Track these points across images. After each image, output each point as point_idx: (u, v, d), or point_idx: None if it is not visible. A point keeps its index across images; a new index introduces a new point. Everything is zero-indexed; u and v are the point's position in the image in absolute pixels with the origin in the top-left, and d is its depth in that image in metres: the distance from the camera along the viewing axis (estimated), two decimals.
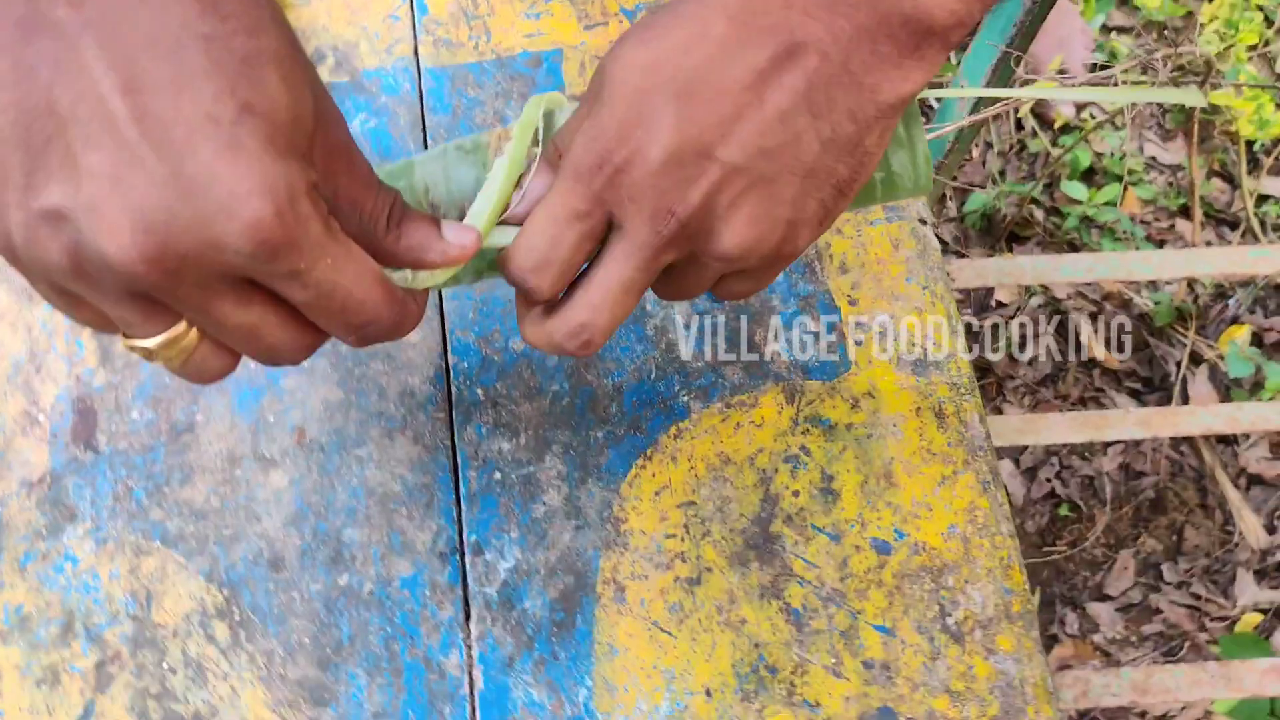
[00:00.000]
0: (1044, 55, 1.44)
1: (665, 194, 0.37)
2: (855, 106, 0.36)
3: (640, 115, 0.36)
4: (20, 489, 0.52)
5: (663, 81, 0.36)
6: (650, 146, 0.36)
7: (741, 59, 0.35)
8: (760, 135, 0.36)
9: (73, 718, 0.48)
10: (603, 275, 0.39)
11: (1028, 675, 0.50)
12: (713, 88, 0.36)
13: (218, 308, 0.33)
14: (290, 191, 0.31)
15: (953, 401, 0.55)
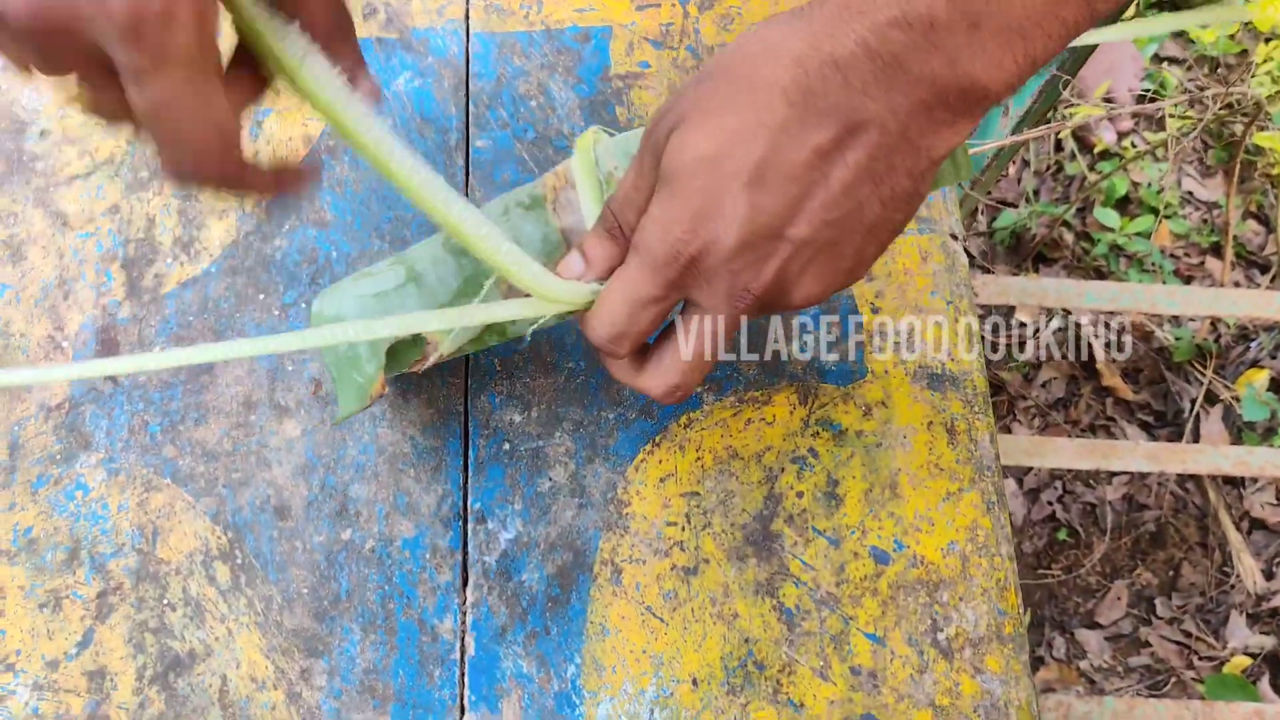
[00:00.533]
0: (1092, 81, 1.43)
1: (739, 275, 0.40)
2: (912, 166, 0.38)
3: (712, 207, 0.38)
4: (39, 412, 0.53)
5: (731, 173, 0.38)
6: (724, 237, 0.39)
7: (804, 141, 0.37)
8: (826, 210, 0.38)
9: (72, 643, 0.49)
10: (688, 347, 0.43)
11: (1013, 698, 0.50)
12: (780, 173, 0.38)
13: (89, 79, 0.33)
14: (200, 9, 0.31)
15: (965, 419, 0.55)
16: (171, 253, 0.57)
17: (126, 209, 0.57)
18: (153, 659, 0.49)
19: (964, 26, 0.35)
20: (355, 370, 0.46)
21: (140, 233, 0.57)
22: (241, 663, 0.49)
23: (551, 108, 0.62)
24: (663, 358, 0.44)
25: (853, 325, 0.57)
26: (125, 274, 0.56)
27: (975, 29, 0.35)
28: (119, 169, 0.58)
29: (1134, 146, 1.47)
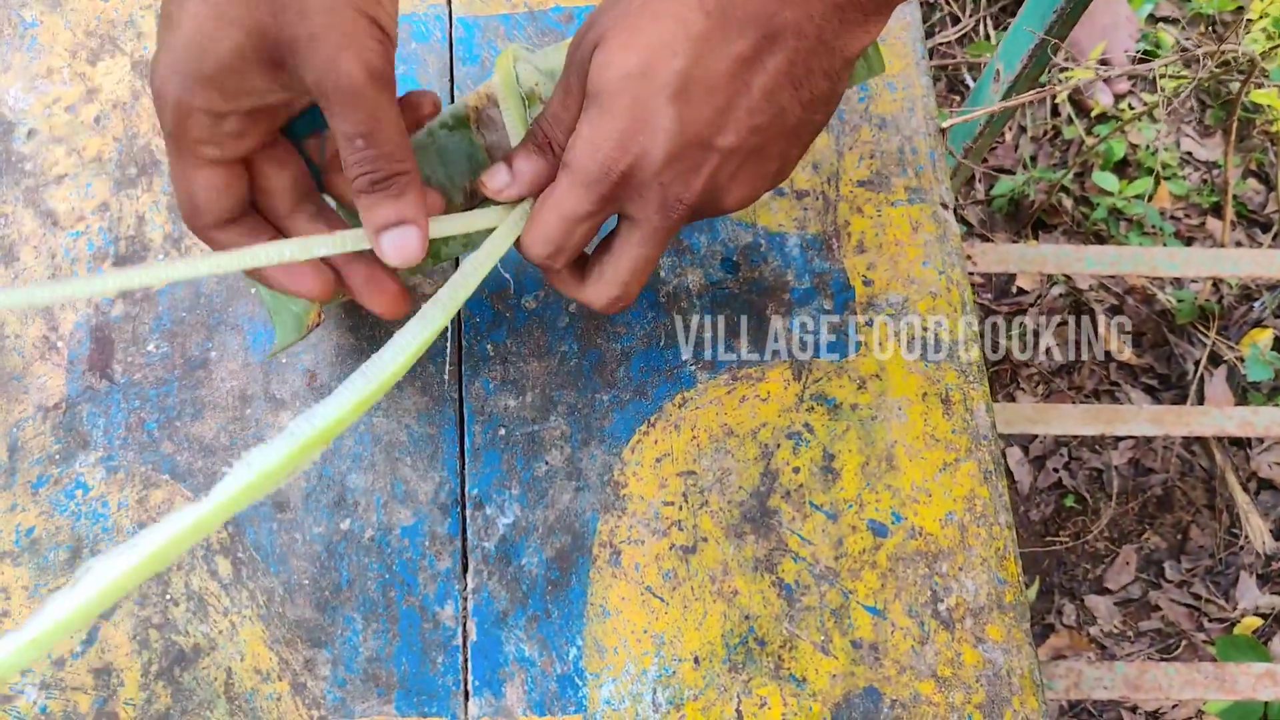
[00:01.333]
0: (1087, 42, 1.42)
1: (670, 187, 0.41)
2: (829, 67, 0.40)
3: (639, 122, 0.39)
4: (36, 413, 0.53)
5: (656, 87, 0.39)
6: (654, 151, 0.40)
7: (725, 52, 0.39)
8: (751, 117, 0.40)
9: (77, 641, 0.49)
10: (626, 259, 0.44)
11: (1015, 666, 0.50)
12: (703, 84, 0.39)
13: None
14: (160, 99, 0.39)
15: (960, 389, 0.55)
16: (162, 249, 0.57)
17: (116, 207, 0.57)
18: (158, 654, 0.49)
19: None
20: (291, 302, 0.48)
21: (130, 230, 0.57)
22: (246, 655, 0.49)
23: None
24: (603, 271, 0.45)
25: (845, 298, 0.57)
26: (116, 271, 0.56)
27: None
28: (106, 167, 0.58)
29: (1131, 108, 1.46)
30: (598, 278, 0.45)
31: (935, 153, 0.60)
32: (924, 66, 0.62)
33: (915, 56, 0.62)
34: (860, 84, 0.51)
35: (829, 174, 0.60)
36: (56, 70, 0.60)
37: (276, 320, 0.49)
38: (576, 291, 0.46)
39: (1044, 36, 0.70)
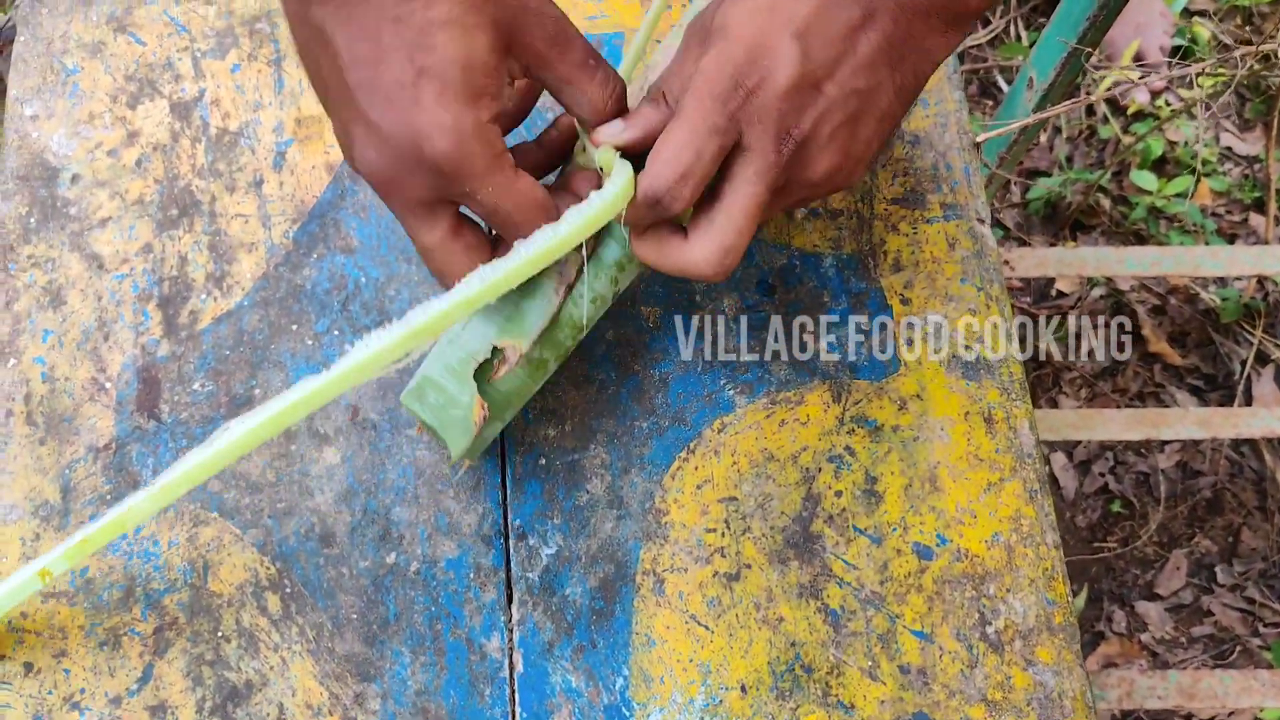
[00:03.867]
0: (1120, 40, 1.40)
1: (786, 117, 0.43)
2: (918, 63, 0.45)
3: (766, 47, 0.42)
4: (87, 454, 0.54)
5: (782, 22, 0.42)
6: (778, 73, 0.42)
7: (840, 13, 0.43)
8: (855, 77, 0.43)
9: (133, 679, 0.50)
10: (742, 196, 0.44)
11: (1067, 688, 0.50)
12: (822, 33, 0.43)
13: (411, 226, 0.44)
14: (455, 135, 0.40)
15: (1003, 407, 0.55)
16: (205, 288, 0.58)
17: (159, 248, 0.59)
18: (211, 691, 0.50)
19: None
20: (453, 409, 0.48)
21: (174, 270, 0.58)
22: (297, 690, 0.50)
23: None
24: (713, 219, 0.45)
25: (883, 319, 0.57)
26: (162, 312, 0.57)
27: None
28: (149, 208, 0.59)
29: (1168, 104, 1.44)
30: (707, 228, 0.45)
31: (970, 168, 0.60)
32: (956, 80, 0.62)
33: (947, 71, 0.62)
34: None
35: (863, 192, 0.59)
36: (98, 115, 0.61)
37: (445, 433, 0.48)
38: (681, 254, 0.45)
39: (1076, 46, 0.69)
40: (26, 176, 0.60)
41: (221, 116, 0.61)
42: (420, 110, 0.40)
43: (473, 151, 0.41)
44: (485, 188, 0.42)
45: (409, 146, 0.41)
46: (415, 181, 0.42)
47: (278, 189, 0.60)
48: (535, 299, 0.49)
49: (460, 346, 0.49)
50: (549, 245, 0.44)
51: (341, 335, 0.57)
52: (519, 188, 0.43)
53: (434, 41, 0.40)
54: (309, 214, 0.59)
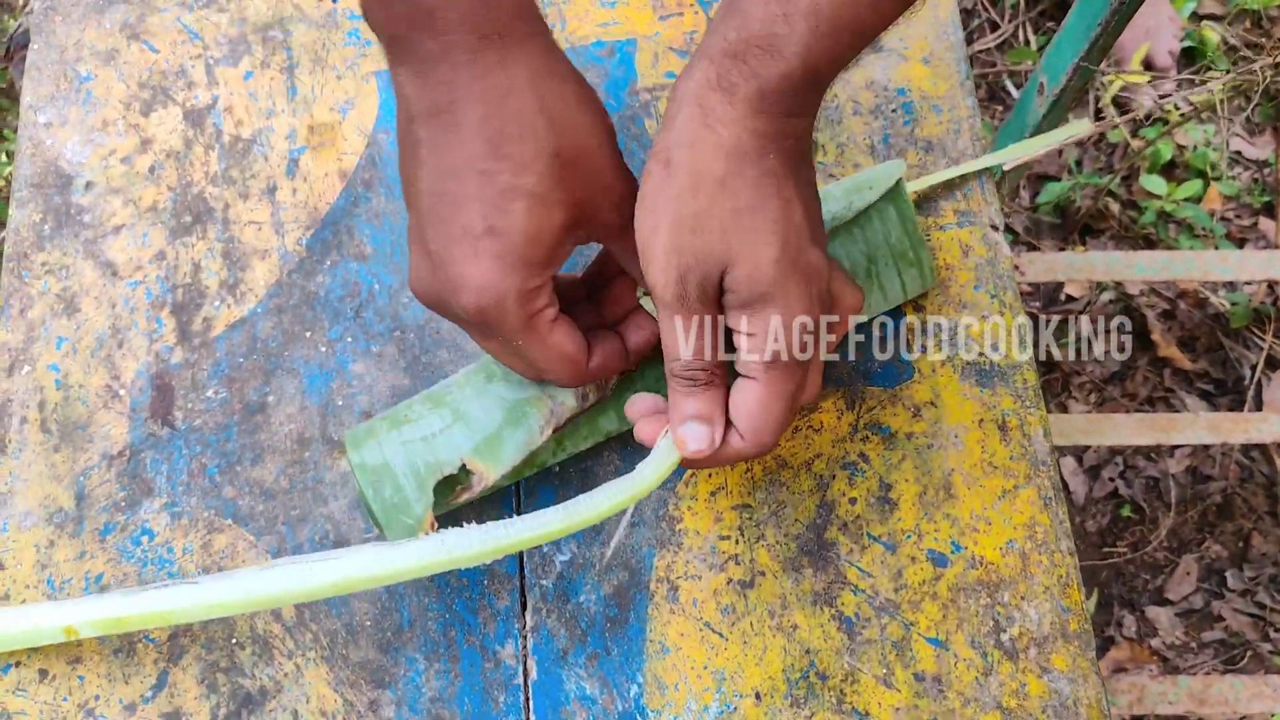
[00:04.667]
0: (1129, 44, 1.40)
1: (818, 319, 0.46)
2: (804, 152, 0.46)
3: (806, 283, 0.44)
4: (101, 461, 0.54)
5: (803, 247, 0.44)
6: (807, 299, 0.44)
7: (814, 207, 0.46)
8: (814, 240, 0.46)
9: (147, 686, 0.50)
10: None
11: (1082, 696, 0.50)
12: (818, 227, 0.46)
13: (469, 332, 0.47)
14: (498, 294, 0.43)
15: (1017, 414, 0.55)
16: (218, 295, 0.58)
17: (172, 255, 0.59)
18: (225, 698, 0.50)
19: None
20: (403, 514, 0.48)
21: (187, 278, 0.58)
22: (311, 697, 0.50)
23: None
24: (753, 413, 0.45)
25: (896, 325, 0.56)
26: (175, 319, 0.57)
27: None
28: (162, 216, 0.59)
29: (1177, 108, 1.43)
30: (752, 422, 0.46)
31: (983, 175, 0.60)
32: (968, 87, 0.62)
33: (959, 78, 0.62)
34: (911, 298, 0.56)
35: None
36: (111, 123, 0.62)
37: (388, 531, 0.48)
38: (739, 454, 0.46)
39: (1083, 64, 0.69)
40: (40, 184, 0.60)
41: (234, 124, 0.62)
42: (475, 263, 0.42)
43: (507, 313, 0.43)
44: (515, 340, 0.44)
45: (450, 289, 0.43)
46: (453, 314, 0.45)
47: (291, 196, 0.60)
48: (519, 430, 0.49)
49: (431, 450, 0.48)
50: (580, 516, 0.46)
51: (355, 342, 0.57)
52: (550, 343, 0.45)
53: (511, 207, 0.42)
54: (322, 221, 0.59)
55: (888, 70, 0.62)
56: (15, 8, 1.50)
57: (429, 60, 0.42)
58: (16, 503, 0.53)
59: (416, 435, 0.48)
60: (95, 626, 0.47)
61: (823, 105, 0.61)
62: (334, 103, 0.62)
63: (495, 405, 0.49)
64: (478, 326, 0.45)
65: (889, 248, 0.53)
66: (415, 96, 0.43)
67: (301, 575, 0.45)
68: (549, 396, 0.49)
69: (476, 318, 0.43)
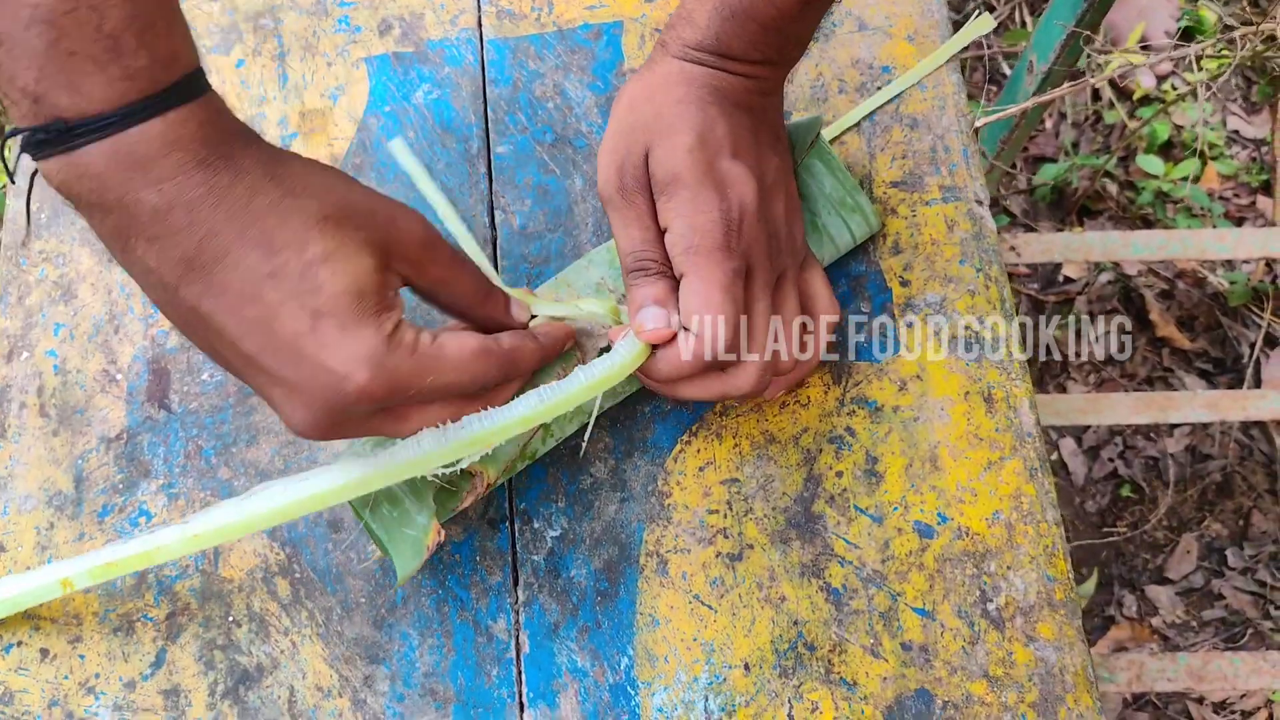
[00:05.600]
0: (1125, 24, 1.40)
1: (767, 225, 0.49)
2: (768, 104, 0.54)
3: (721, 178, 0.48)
4: (99, 444, 0.55)
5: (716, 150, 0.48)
6: (746, 197, 0.48)
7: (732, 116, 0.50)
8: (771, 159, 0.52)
9: (146, 664, 0.51)
10: (757, 315, 0.48)
11: (1068, 663, 0.50)
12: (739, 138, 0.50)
13: (381, 428, 0.43)
14: (373, 359, 0.40)
15: (1002, 386, 0.55)
16: None
17: None
18: (223, 675, 0.51)
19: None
20: (406, 526, 0.47)
21: None
22: (307, 673, 0.51)
23: (569, 108, 0.62)
24: (751, 345, 0.48)
25: (882, 300, 0.57)
26: None
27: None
28: None
29: (1174, 89, 1.43)
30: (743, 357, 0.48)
31: (968, 150, 0.60)
32: (953, 64, 0.62)
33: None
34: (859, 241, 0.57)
35: (861, 176, 0.60)
36: None
37: (394, 550, 0.47)
38: (724, 385, 0.48)
39: (1075, 29, 0.69)
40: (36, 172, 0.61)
41: None
42: (330, 352, 0.39)
43: (395, 366, 0.40)
44: (422, 384, 0.42)
45: (334, 392, 0.40)
46: (357, 417, 0.41)
47: None
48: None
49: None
50: (553, 401, 0.46)
51: None
52: (452, 361, 0.43)
53: (319, 281, 0.39)
54: None
55: (873, 48, 0.62)
56: None
57: (159, 212, 0.38)
58: (16, 486, 0.54)
59: (399, 445, 0.46)
60: (90, 575, 0.47)
61: (807, 82, 0.62)
62: (325, 89, 0.63)
63: None
64: (383, 403, 0.41)
65: (825, 198, 0.56)
66: (162, 262, 0.38)
67: (281, 494, 0.45)
68: (532, 387, 0.48)
69: (378, 392, 0.40)
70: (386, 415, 0.43)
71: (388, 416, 0.43)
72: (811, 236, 0.55)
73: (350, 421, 0.41)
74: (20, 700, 0.50)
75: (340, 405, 0.40)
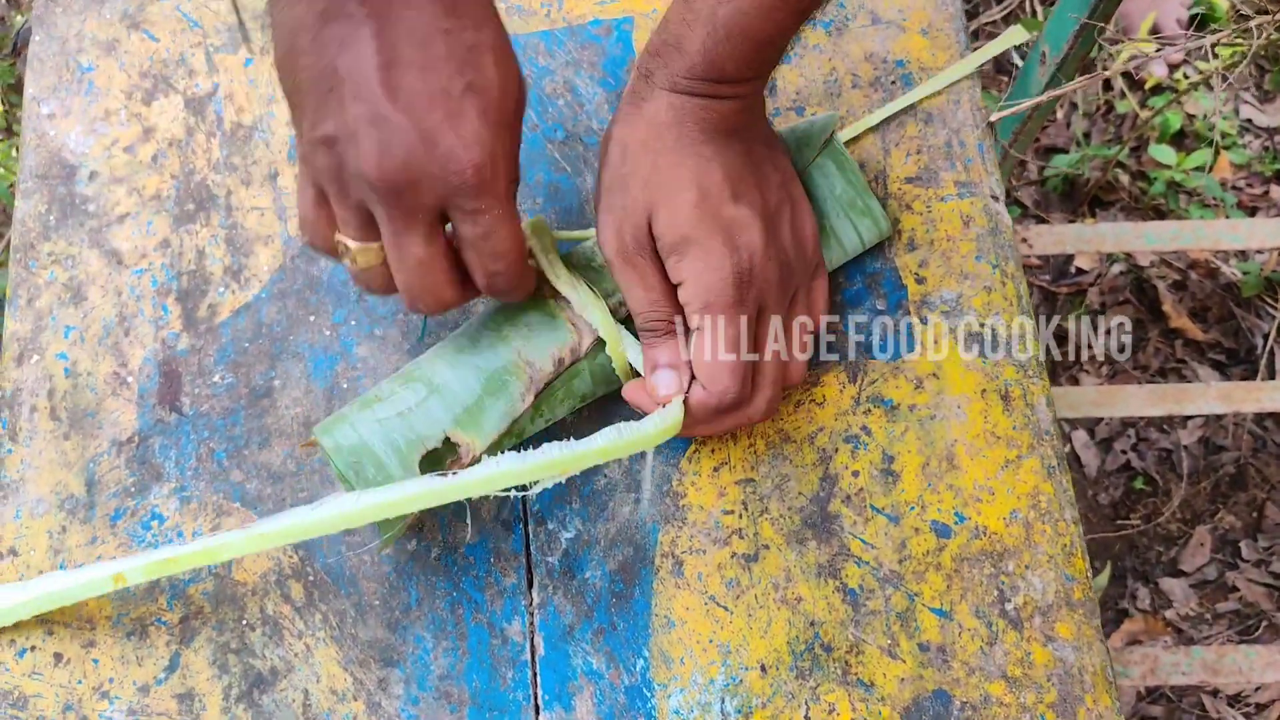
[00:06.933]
0: (1136, 14, 1.38)
1: (779, 268, 0.51)
2: (756, 125, 0.54)
3: (730, 228, 0.49)
4: (111, 448, 0.55)
5: (719, 200, 0.49)
6: (754, 244, 0.49)
7: (730, 154, 0.50)
8: (770, 186, 0.52)
9: (160, 668, 0.51)
10: (768, 351, 0.51)
11: (1087, 663, 0.50)
12: (742, 180, 0.50)
13: (410, 236, 0.43)
14: (491, 152, 0.42)
15: (1019, 384, 0.55)
16: (223, 282, 0.58)
17: (177, 243, 0.59)
18: (237, 678, 0.50)
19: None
20: None
21: (191, 264, 0.59)
22: (321, 676, 0.50)
23: (579, 104, 0.62)
24: (762, 379, 0.50)
25: (898, 297, 0.56)
26: (181, 306, 0.58)
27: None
28: (165, 204, 0.60)
29: (1186, 78, 1.42)
30: (759, 386, 0.50)
31: (984, 145, 0.59)
32: (968, 58, 0.61)
33: (959, 48, 0.61)
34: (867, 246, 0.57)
35: (876, 172, 0.59)
36: (114, 112, 0.62)
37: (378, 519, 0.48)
38: (736, 419, 0.50)
39: (1087, 21, 0.69)
40: (45, 175, 0.61)
41: (235, 111, 0.62)
42: (463, 121, 0.41)
43: (499, 172, 0.42)
44: (494, 210, 0.43)
45: (442, 151, 0.41)
46: (431, 187, 0.42)
47: (293, 182, 0.60)
48: (500, 399, 0.49)
49: (409, 425, 0.48)
50: (579, 452, 0.47)
51: (358, 325, 0.57)
52: (516, 225, 0.45)
53: (483, 62, 0.42)
54: None
55: (886, 42, 0.62)
56: (24, 4, 1.51)
57: None
58: (28, 490, 0.54)
59: (391, 412, 0.48)
60: (145, 572, 0.47)
61: (820, 76, 0.61)
62: None
63: (472, 376, 0.49)
64: (468, 193, 0.42)
65: (835, 200, 0.55)
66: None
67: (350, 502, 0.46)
68: (526, 364, 0.50)
69: (474, 179, 0.41)
70: (430, 214, 0.43)
71: (430, 216, 0.43)
72: (820, 239, 0.54)
73: (421, 188, 0.42)
74: (34, 705, 0.50)
75: (436, 165, 0.41)
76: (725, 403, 0.48)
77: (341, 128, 0.41)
